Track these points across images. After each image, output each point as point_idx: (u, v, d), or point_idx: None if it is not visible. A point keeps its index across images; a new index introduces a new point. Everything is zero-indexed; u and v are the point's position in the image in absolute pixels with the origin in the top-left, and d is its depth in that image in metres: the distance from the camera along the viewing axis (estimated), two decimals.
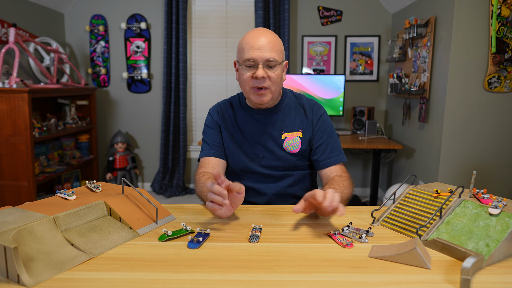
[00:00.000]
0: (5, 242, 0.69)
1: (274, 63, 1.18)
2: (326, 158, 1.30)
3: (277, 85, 1.22)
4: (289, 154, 1.31)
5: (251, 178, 1.35)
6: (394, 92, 3.27)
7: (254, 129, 1.33)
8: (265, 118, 1.33)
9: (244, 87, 1.24)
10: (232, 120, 1.36)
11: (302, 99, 1.37)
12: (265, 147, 1.32)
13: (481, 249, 0.81)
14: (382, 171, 3.82)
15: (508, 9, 2.37)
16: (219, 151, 1.35)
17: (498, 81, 2.45)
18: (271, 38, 1.18)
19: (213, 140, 1.36)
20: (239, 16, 3.73)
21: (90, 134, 3.66)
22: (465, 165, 2.59)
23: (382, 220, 1.04)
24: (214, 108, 1.40)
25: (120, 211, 0.97)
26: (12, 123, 2.56)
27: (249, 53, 1.17)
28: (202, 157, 1.35)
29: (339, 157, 1.31)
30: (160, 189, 3.79)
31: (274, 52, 1.17)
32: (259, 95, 1.22)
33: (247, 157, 1.33)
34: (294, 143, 1.31)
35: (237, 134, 1.34)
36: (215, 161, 1.33)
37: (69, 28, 3.75)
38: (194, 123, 3.92)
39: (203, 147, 1.37)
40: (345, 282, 0.73)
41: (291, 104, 1.35)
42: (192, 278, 0.74)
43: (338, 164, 1.31)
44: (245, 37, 1.20)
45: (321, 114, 1.34)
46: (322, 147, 1.31)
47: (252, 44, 1.16)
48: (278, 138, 1.31)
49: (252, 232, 0.96)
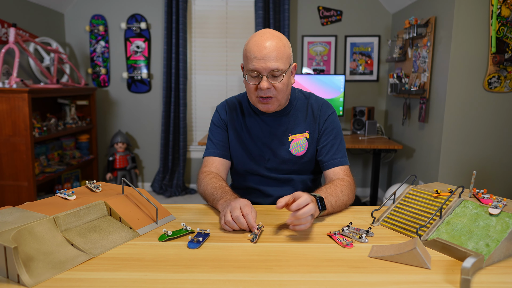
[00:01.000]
0: (5, 242, 0.69)
1: (279, 73, 1.13)
2: (330, 159, 1.28)
3: (283, 92, 1.19)
4: (295, 157, 1.30)
5: (255, 180, 1.34)
6: (394, 92, 3.27)
7: (262, 130, 1.31)
8: (273, 120, 1.30)
9: (250, 95, 1.22)
10: (240, 119, 1.33)
11: (311, 98, 1.35)
12: (271, 149, 1.30)
13: (481, 249, 0.81)
14: (382, 171, 3.82)
15: (508, 9, 2.37)
16: (223, 151, 1.33)
17: (498, 81, 2.45)
18: (276, 44, 1.12)
19: (219, 139, 1.34)
20: (239, 16, 3.73)
21: (90, 134, 3.66)
22: (465, 165, 2.59)
23: (382, 220, 1.04)
24: (221, 106, 1.37)
25: (120, 211, 0.97)
26: (12, 123, 2.56)
27: (253, 63, 1.12)
28: (206, 155, 1.33)
29: (343, 159, 1.28)
30: (160, 189, 3.79)
31: (279, 60, 1.12)
32: (265, 104, 1.19)
33: (253, 159, 1.32)
34: (300, 145, 1.29)
35: (244, 135, 1.32)
36: (219, 161, 1.32)
37: (69, 28, 3.75)
38: (194, 123, 3.92)
39: (208, 145, 1.35)
40: (345, 282, 0.73)
41: (300, 105, 1.33)
42: (192, 278, 0.74)
43: (343, 166, 1.27)
44: (250, 43, 1.14)
45: (329, 114, 1.31)
46: (327, 148, 1.29)
47: (256, 54, 1.11)
48: (285, 141, 1.29)
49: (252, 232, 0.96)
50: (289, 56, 1.17)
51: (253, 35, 1.16)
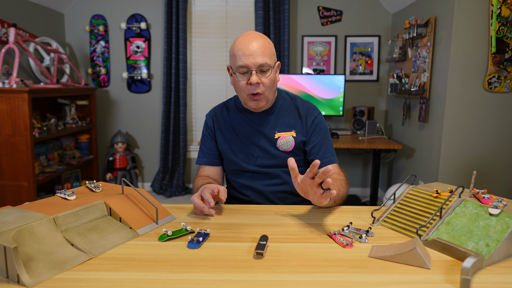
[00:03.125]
0: (5, 242, 0.69)
1: (267, 68, 1.21)
2: (321, 158, 1.32)
3: (270, 88, 1.26)
4: (283, 153, 1.34)
5: (247, 177, 1.38)
6: (394, 92, 3.27)
7: (248, 129, 1.36)
8: (259, 119, 1.36)
9: (240, 93, 1.28)
10: (227, 123, 1.40)
11: (296, 100, 1.40)
12: (259, 147, 1.35)
13: (481, 249, 0.81)
14: (382, 171, 3.82)
15: (508, 9, 2.37)
16: (211, 158, 1.43)
17: (498, 81, 2.45)
18: (262, 42, 1.20)
19: (207, 147, 1.44)
20: (239, 16, 3.73)
21: (90, 134, 3.66)
22: (465, 165, 2.59)
23: (382, 220, 1.04)
24: (209, 114, 1.46)
25: (120, 211, 0.97)
26: (12, 123, 2.56)
27: (242, 60, 1.19)
28: (197, 163, 1.45)
29: (333, 157, 1.35)
30: (160, 189, 3.79)
31: (266, 56, 1.20)
32: (255, 101, 1.26)
33: (242, 158, 1.37)
34: (287, 142, 1.33)
35: (232, 136, 1.38)
36: (208, 168, 1.43)
37: (69, 28, 3.75)
38: (194, 123, 3.92)
39: (198, 153, 1.47)
40: (345, 282, 0.73)
41: (286, 105, 1.38)
42: (192, 278, 0.74)
43: (334, 164, 1.33)
44: (236, 43, 1.22)
45: (315, 115, 1.37)
46: (317, 147, 1.34)
47: (244, 50, 1.19)
48: (271, 138, 1.34)
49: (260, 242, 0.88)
50: (274, 54, 1.26)
51: (238, 36, 1.24)
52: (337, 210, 1.17)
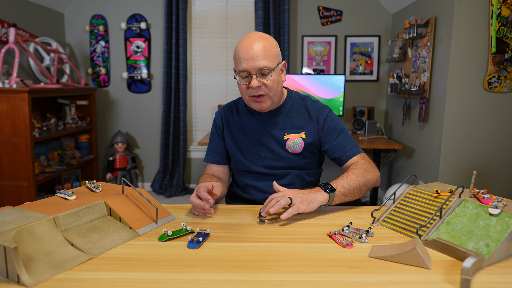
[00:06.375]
0: (5, 242, 0.69)
1: (267, 71, 1.19)
2: (343, 154, 1.31)
3: (274, 90, 1.24)
4: (292, 154, 1.33)
5: (254, 177, 1.37)
6: (394, 92, 3.27)
7: (257, 130, 1.35)
8: (268, 120, 1.35)
9: (243, 96, 1.28)
10: (236, 122, 1.40)
11: (307, 100, 1.39)
12: (267, 148, 1.34)
13: (481, 249, 0.81)
14: (382, 171, 3.82)
15: (508, 9, 2.37)
16: (218, 157, 1.43)
17: (498, 81, 2.45)
18: (263, 44, 1.19)
19: (215, 145, 1.44)
20: (239, 16, 3.73)
21: (90, 134, 3.65)
22: (465, 165, 2.59)
23: (382, 220, 1.04)
24: (218, 112, 1.46)
25: (120, 211, 0.97)
26: (12, 123, 2.56)
27: (242, 64, 1.19)
28: (205, 161, 1.46)
29: (355, 149, 1.32)
30: (160, 189, 3.79)
31: (267, 59, 1.18)
32: (258, 103, 1.25)
33: (250, 158, 1.36)
34: (296, 144, 1.32)
35: (240, 136, 1.38)
36: (215, 167, 1.44)
37: (69, 28, 3.74)
38: (194, 123, 3.92)
39: (207, 151, 1.47)
40: (345, 282, 0.73)
41: (295, 106, 1.37)
42: (192, 278, 0.74)
43: (356, 156, 1.30)
44: (238, 46, 1.22)
45: (326, 113, 1.35)
46: (337, 145, 1.32)
47: (244, 55, 1.18)
48: (281, 139, 1.33)
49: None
50: (277, 55, 1.24)
51: (241, 39, 1.24)
52: (337, 210, 1.17)
